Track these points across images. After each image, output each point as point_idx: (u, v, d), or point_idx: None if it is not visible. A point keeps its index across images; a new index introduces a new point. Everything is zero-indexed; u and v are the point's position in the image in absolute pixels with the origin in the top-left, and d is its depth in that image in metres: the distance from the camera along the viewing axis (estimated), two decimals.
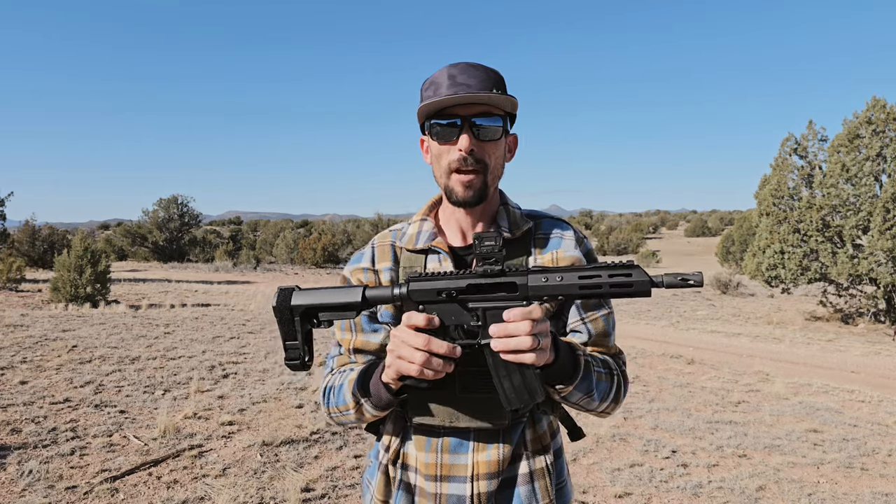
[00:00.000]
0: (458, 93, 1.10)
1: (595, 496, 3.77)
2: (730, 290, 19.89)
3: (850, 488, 3.98)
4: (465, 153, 1.12)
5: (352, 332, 1.24)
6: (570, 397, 1.11)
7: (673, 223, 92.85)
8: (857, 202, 13.34)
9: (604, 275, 0.95)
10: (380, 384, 1.09)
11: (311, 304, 1.07)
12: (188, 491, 3.64)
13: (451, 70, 1.14)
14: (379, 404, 1.12)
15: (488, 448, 1.14)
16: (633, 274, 0.94)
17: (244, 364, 7.11)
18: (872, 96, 13.59)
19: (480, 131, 1.13)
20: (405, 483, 1.19)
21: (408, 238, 1.24)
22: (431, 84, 1.16)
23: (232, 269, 30.23)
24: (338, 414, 1.20)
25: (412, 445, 1.18)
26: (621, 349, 1.27)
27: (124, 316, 10.95)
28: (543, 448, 1.19)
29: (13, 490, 3.54)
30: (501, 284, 0.99)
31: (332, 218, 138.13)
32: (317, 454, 4.29)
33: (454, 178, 1.15)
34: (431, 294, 1.02)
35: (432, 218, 1.26)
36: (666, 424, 5.23)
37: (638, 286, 0.93)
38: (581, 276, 0.96)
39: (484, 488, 1.13)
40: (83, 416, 4.95)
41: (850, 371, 8.08)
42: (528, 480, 1.16)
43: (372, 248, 1.28)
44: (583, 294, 0.96)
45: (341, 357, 1.26)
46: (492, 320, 0.99)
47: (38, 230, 28.42)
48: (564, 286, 0.96)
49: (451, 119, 1.13)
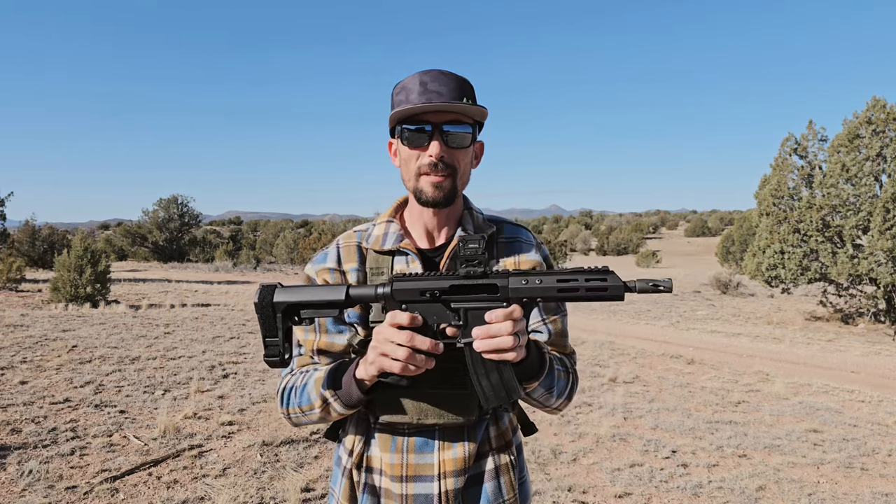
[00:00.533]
0: (431, 100, 1.13)
1: (595, 496, 3.77)
2: (730, 290, 19.90)
3: (850, 488, 3.98)
4: (435, 159, 1.15)
5: (316, 333, 1.24)
6: (532, 393, 1.16)
7: (673, 223, 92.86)
8: (857, 202, 13.35)
9: (580, 279, 0.99)
10: (352, 381, 1.10)
11: (293, 302, 1.07)
12: (188, 491, 3.64)
13: (422, 77, 1.16)
14: (349, 402, 1.12)
15: (454, 446, 1.16)
16: (608, 279, 0.98)
17: (244, 364, 7.11)
18: (872, 96, 13.61)
19: (450, 138, 1.16)
20: (370, 486, 1.19)
21: (374, 239, 1.25)
22: (403, 89, 1.18)
23: (232, 269, 30.24)
24: (298, 414, 1.19)
25: (376, 447, 1.19)
26: (574, 349, 1.33)
27: (124, 316, 10.95)
28: (506, 444, 1.22)
29: (13, 490, 3.54)
30: (483, 286, 1.02)
31: (332, 218, 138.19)
32: (317, 454, 4.29)
33: (424, 180, 1.18)
34: (415, 294, 1.04)
35: (398, 220, 1.28)
36: (666, 424, 5.23)
37: (612, 290, 0.98)
38: (559, 280, 1.00)
39: (451, 486, 1.15)
40: (83, 416, 4.95)
41: (850, 371, 8.08)
42: (494, 476, 1.19)
43: (337, 248, 1.28)
44: (560, 297, 1.00)
45: (302, 358, 1.25)
46: (473, 320, 1.02)
47: (38, 230, 28.42)
48: (543, 289, 1.00)
49: (421, 125, 1.15)
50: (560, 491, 3.79)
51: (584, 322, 12.36)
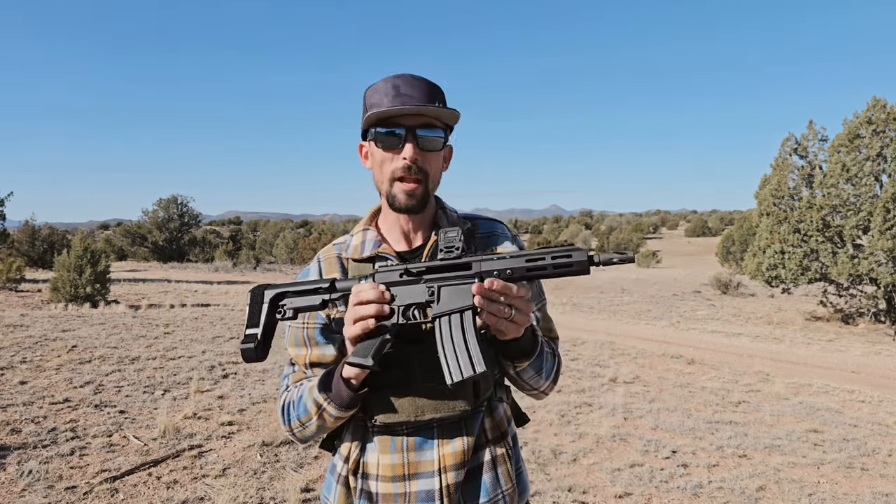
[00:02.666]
0: (404, 103, 1.16)
1: (595, 496, 3.77)
2: (730, 290, 19.89)
3: (851, 488, 3.98)
4: (409, 162, 1.17)
5: (307, 347, 1.26)
6: (523, 374, 1.21)
7: (673, 223, 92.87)
8: (858, 202, 13.34)
9: (548, 257, 1.04)
10: (340, 380, 1.13)
11: (281, 291, 1.15)
12: (188, 491, 3.64)
13: (395, 81, 1.19)
14: (341, 403, 1.14)
15: (452, 441, 1.18)
16: (574, 255, 1.03)
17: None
18: (872, 96, 13.59)
19: (423, 142, 1.19)
20: (366, 492, 1.20)
21: (353, 248, 1.29)
22: (375, 93, 1.20)
23: (232, 269, 30.24)
24: (300, 428, 1.22)
25: (373, 452, 1.20)
26: (559, 335, 1.39)
27: (124, 316, 10.95)
28: (502, 435, 1.24)
29: (13, 490, 3.54)
30: (457, 265, 1.08)
31: (332, 218, 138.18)
32: (317, 454, 4.28)
33: (397, 187, 1.20)
34: (394, 276, 1.11)
35: (374, 227, 1.31)
36: (666, 424, 5.23)
37: (577, 265, 1.03)
38: (528, 260, 1.05)
39: (452, 480, 1.16)
40: (83, 417, 4.95)
41: (850, 371, 8.08)
42: (492, 467, 1.21)
43: (318, 263, 1.32)
44: (530, 275, 1.05)
45: (296, 374, 1.29)
46: (445, 294, 1.08)
47: (38, 230, 28.43)
48: (514, 268, 1.06)
49: (394, 128, 1.18)
50: (560, 491, 3.79)
51: (585, 322, 12.36)
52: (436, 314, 1.07)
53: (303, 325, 1.27)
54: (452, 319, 1.07)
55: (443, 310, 1.07)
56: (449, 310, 1.07)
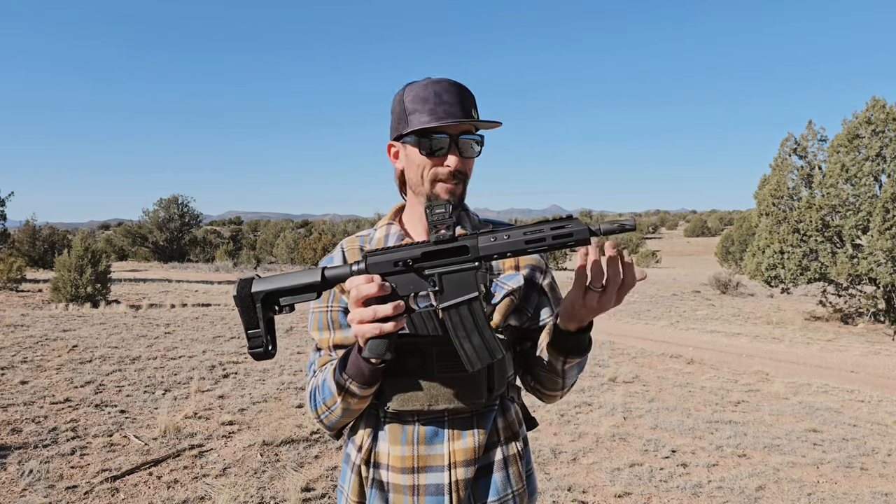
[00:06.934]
0: (448, 112, 1.19)
1: (595, 496, 3.78)
2: (729, 290, 19.90)
3: (850, 488, 3.99)
4: (454, 170, 1.21)
5: (330, 330, 1.27)
6: (568, 371, 1.19)
7: (673, 223, 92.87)
8: (857, 202, 13.34)
9: (546, 228, 1.00)
10: (358, 358, 1.11)
11: (271, 290, 1.08)
12: (188, 491, 3.65)
13: (434, 87, 1.21)
14: (363, 381, 1.12)
15: (463, 435, 1.18)
16: (572, 225, 0.99)
17: (244, 364, 7.12)
18: (872, 96, 13.59)
19: (465, 149, 1.22)
20: (378, 481, 1.21)
21: (376, 241, 1.30)
22: (416, 98, 1.21)
23: (232, 269, 30.25)
24: (326, 412, 1.21)
25: (384, 442, 1.21)
26: None
27: (125, 316, 10.96)
28: (514, 435, 1.25)
29: (13, 490, 3.55)
30: (453, 249, 1.04)
31: (332, 218, 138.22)
32: (317, 454, 4.29)
33: (440, 186, 1.22)
34: (389, 266, 1.06)
35: (398, 223, 1.33)
36: (666, 424, 5.23)
37: (577, 235, 0.99)
38: (526, 233, 1.01)
39: (462, 475, 1.17)
40: (83, 416, 4.96)
41: (849, 371, 8.08)
42: (503, 466, 1.22)
43: (342, 251, 1.32)
44: (528, 249, 1.01)
45: (322, 358, 1.28)
46: (448, 284, 1.04)
47: (39, 230, 28.44)
48: (512, 243, 1.01)
49: (440, 135, 1.20)
50: (560, 491, 3.80)
51: None
52: (443, 306, 1.05)
53: (326, 309, 1.27)
54: (461, 309, 1.06)
55: (450, 300, 1.05)
56: (456, 300, 1.05)
